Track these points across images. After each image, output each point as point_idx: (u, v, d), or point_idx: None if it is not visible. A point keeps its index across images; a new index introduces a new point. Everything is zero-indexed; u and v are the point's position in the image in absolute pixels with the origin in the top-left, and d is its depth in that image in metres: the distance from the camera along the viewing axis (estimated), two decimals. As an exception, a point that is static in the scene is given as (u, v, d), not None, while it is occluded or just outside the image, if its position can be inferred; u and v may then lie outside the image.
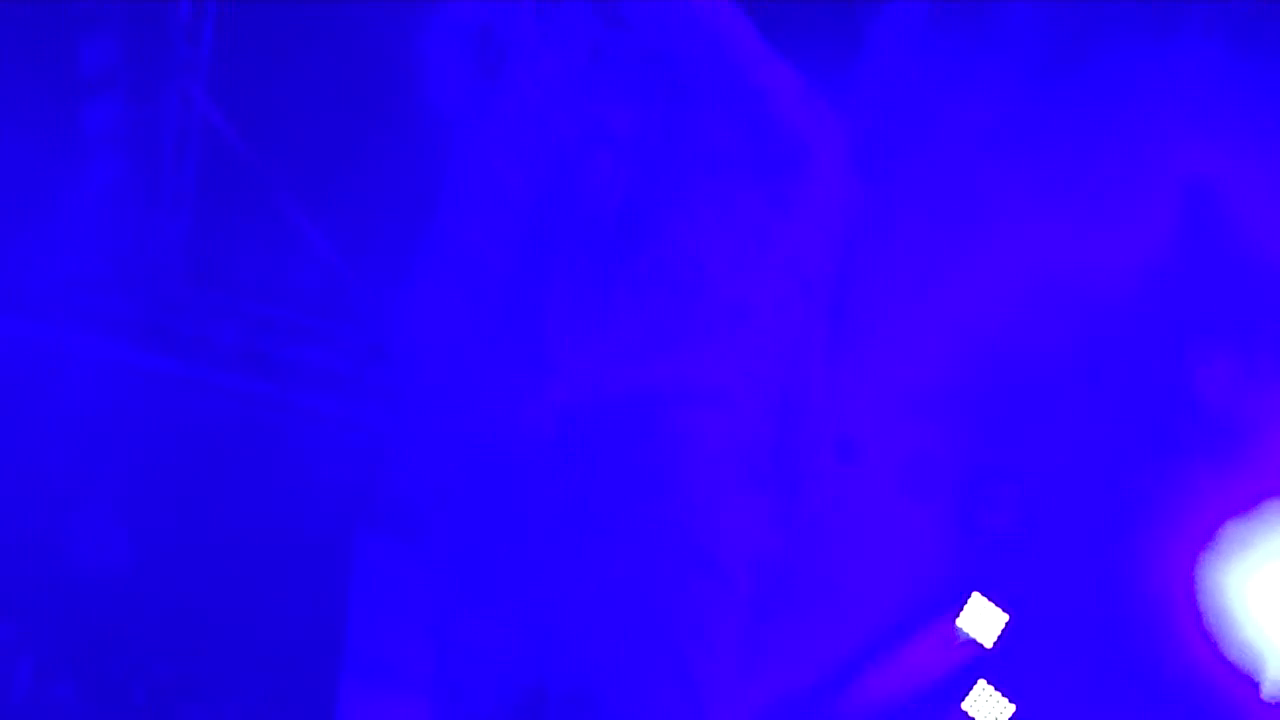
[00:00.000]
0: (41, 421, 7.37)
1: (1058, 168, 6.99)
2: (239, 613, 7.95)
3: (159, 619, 8.24)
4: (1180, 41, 6.94)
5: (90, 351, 7.47)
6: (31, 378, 7.31)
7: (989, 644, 8.29)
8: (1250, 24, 6.93)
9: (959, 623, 8.34)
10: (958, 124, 6.79)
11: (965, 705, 8.24)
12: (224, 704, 8.45)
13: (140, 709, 8.27)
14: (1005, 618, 8.24)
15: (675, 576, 6.55)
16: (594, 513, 6.53)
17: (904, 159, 6.73)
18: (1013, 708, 8.19)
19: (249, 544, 7.74)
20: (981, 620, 8.30)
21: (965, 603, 8.38)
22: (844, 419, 6.89)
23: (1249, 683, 7.47)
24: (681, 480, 6.42)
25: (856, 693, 8.10)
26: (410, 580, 7.88)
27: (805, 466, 6.69)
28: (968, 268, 6.89)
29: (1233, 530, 7.42)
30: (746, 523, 6.46)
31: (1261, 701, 7.47)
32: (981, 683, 8.28)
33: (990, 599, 8.29)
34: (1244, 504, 7.46)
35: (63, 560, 7.63)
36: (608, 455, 6.51)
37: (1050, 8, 6.84)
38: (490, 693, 8.51)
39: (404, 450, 7.90)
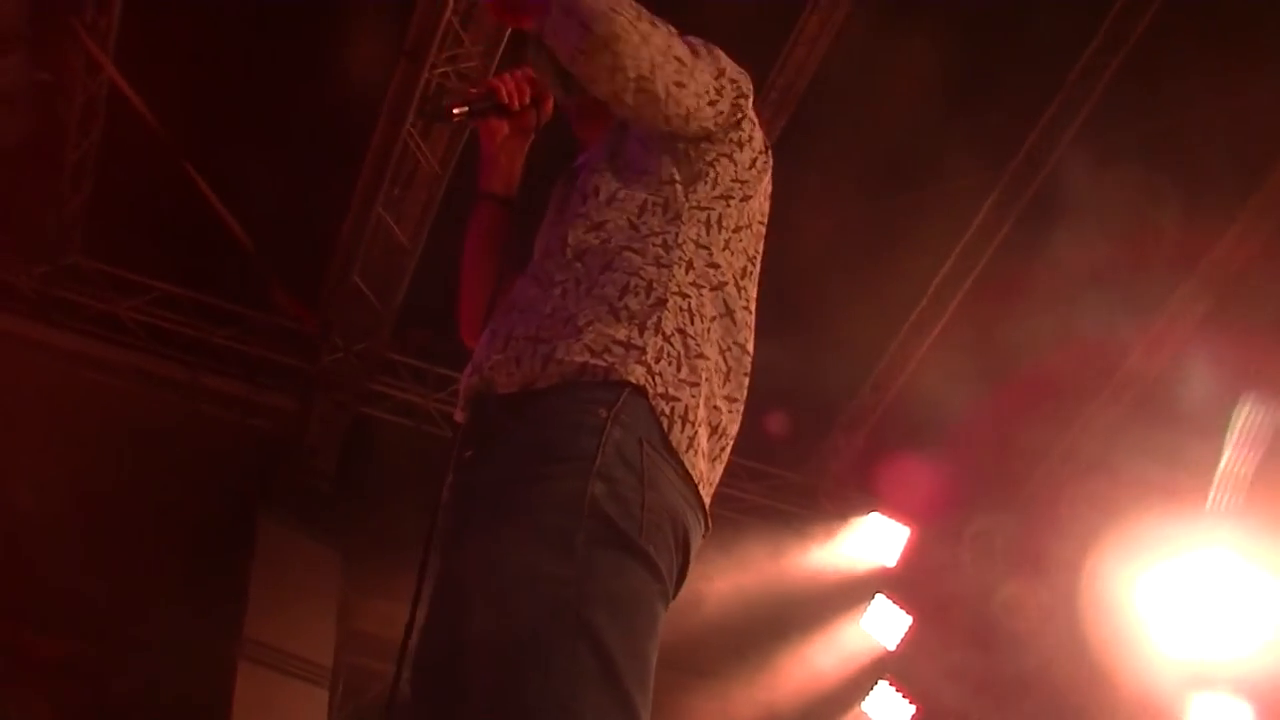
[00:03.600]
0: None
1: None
2: (133, 595, 7.78)
3: (46, 598, 8.04)
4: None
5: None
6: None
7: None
8: None
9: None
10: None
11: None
12: (112, 683, 8.28)
13: (21, 685, 8.08)
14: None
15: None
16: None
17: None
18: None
19: (148, 527, 7.57)
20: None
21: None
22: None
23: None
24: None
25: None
26: (310, 565, 7.79)
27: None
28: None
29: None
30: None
31: None
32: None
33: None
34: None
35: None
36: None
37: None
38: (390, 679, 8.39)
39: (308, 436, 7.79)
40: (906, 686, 8.36)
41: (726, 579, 7.76)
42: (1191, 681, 7.40)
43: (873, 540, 8.45)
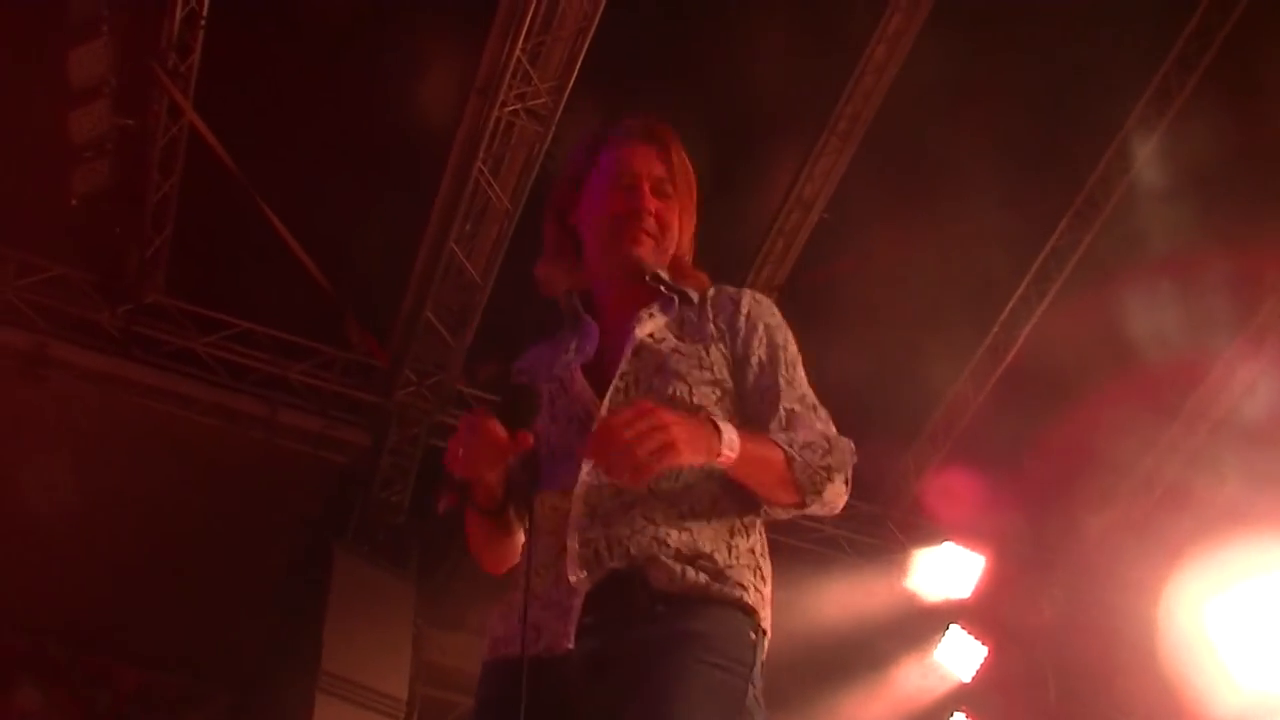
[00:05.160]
0: (19, 430, 7.30)
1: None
2: (212, 626, 7.90)
3: (130, 628, 8.19)
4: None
5: (71, 361, 7.40)
6: (11, 387, 7.23)
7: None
8: None
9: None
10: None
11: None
12: (190, 715, 8.40)
13: (104, 717, 8.22)
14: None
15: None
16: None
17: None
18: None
19: (225, 559, 7.69)
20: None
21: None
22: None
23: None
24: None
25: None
26: (384, 597, 7.86)
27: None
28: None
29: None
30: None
31: None
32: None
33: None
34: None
35: (37, 569, 7.56)
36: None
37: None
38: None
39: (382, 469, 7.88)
40: (982, 718, 8.25)
41: (802, 609, 7.72)
42: (1267, 712, 7.24)
43: (947, 570, 8.37)
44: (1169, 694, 7.45)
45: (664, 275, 2.52)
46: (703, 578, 2.27)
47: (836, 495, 2.37)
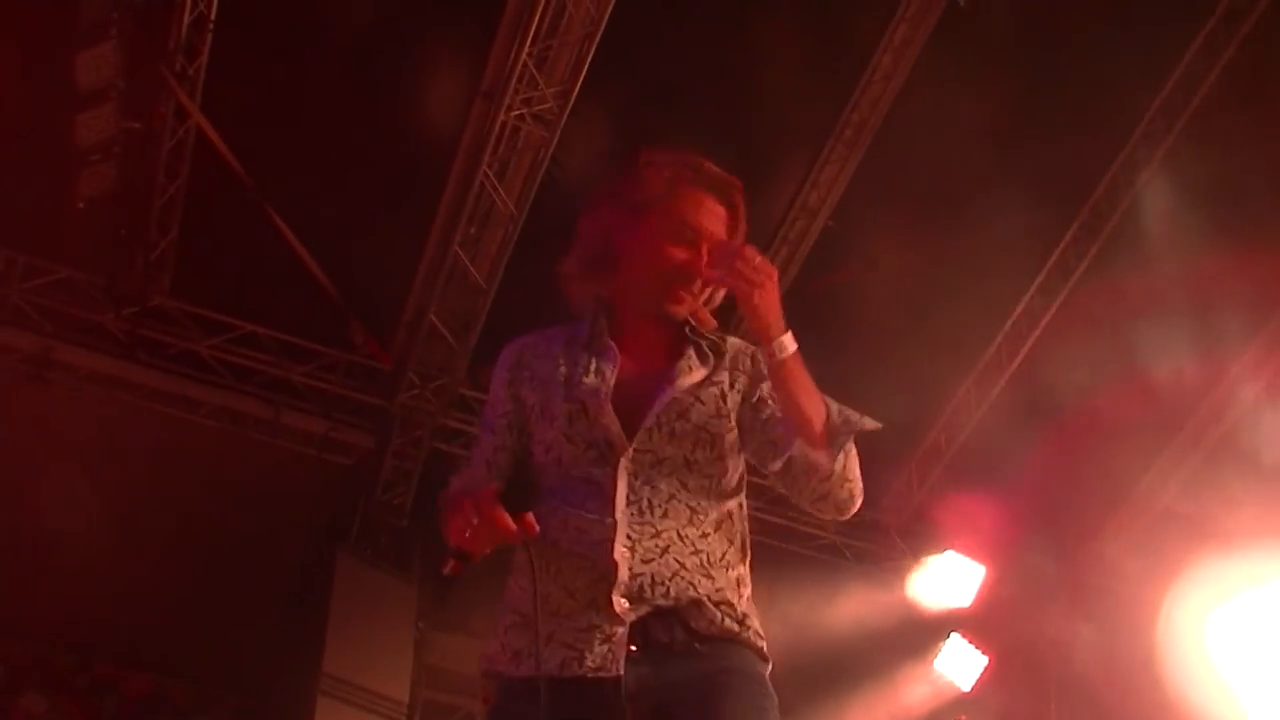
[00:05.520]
0: (24, 433, 7.32)
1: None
2: (215, 630, 7.90)
3: (133, 633, 8.20)
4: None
5: (76, 363, 7.42)
6: (17, 389, 7.25)
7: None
8: None
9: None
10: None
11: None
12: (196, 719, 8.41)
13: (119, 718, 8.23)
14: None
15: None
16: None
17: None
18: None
19: (229, 562, 7.70)
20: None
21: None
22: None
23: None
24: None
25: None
26: (386, 600, 7.86)
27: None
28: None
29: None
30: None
31: None
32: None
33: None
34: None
35: (41, 575, 7.58)
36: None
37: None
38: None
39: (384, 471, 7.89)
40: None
41: (803, 617, 7.72)
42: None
43: (948, 579, 8.36)
44: (1168, 709, 7.44)
45: (697, 327, 2.63)
46: (731, 624, 2.49)
47: (854, 469, 2.49)
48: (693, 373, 2.57)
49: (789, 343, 2.42)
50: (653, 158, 2.64)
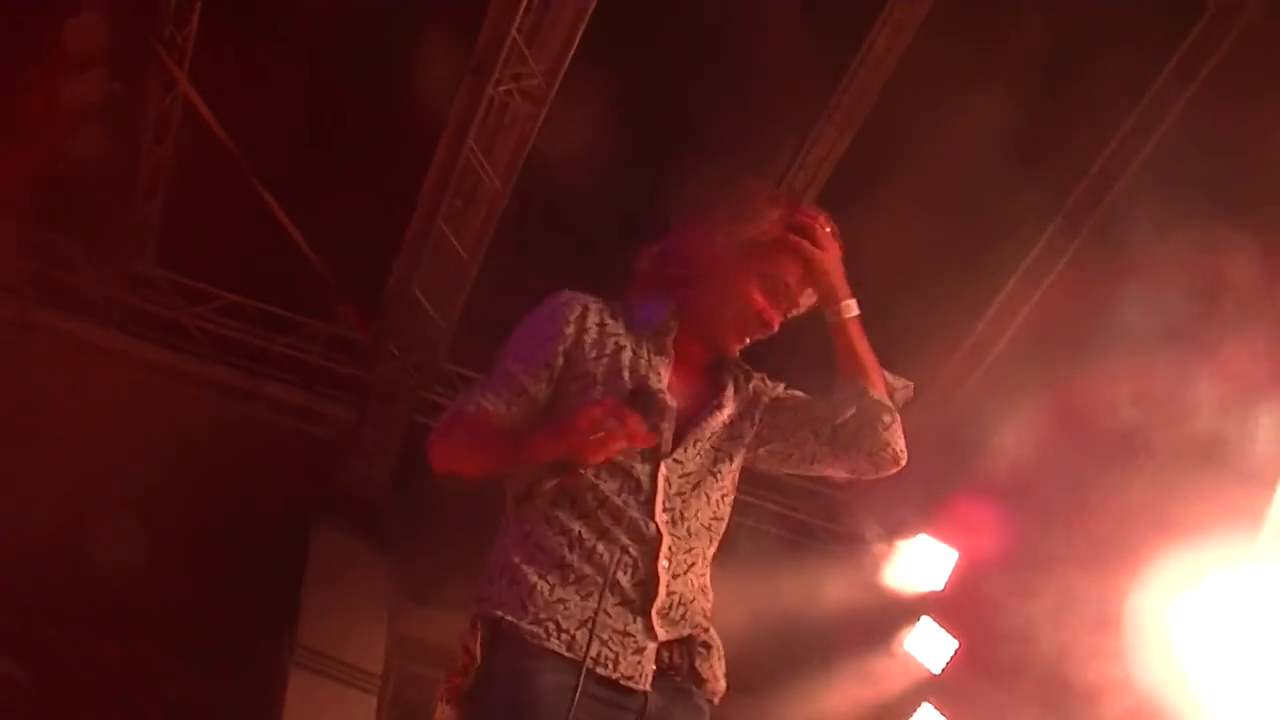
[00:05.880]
0: (3, 396, 7.30)
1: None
2: (189, 600, 7.91)
3: (110, 601, 8.20)
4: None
5: (58, 327, 7.39)
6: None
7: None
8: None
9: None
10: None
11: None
12: (169, 688, 8.42)
13: (86, 688, 8.23)
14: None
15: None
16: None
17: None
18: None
19: (204, 530, 7.70)
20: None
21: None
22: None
23: None
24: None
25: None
26: (363, 572, 7.89)
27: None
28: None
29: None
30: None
31: None
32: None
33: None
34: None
35: (8, 540, 7.56)
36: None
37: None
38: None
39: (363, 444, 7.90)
40: (950, 711, 8.31)
41: (774, 596, 7.77)
42: None
43: (920, 562, 8.43)
44: (1144, 702, 7.51)
45: (739, 363, 2.77)
46: (719, 684, 2.62)
47: (897, 430, 2.77)
48: (734, 402, 2.71)
49: (853, 304, 2.71)
50: (775, 196, 2.75)
